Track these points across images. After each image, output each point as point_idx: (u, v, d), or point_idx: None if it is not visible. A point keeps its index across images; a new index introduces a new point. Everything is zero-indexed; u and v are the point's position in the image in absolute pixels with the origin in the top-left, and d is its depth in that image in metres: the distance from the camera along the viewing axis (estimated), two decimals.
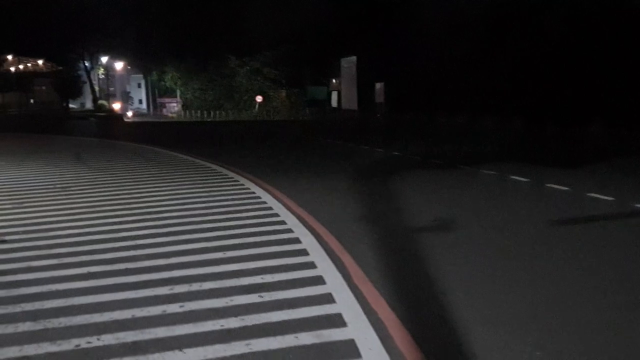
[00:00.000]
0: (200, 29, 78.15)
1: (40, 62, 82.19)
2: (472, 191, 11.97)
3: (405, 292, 5.90)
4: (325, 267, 6.63)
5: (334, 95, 61.92)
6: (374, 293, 5.80)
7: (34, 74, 78.82)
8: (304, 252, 7.25)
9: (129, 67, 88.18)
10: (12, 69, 74.99)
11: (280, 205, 10.18)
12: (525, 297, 5.76)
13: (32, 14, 70.07)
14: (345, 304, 5.49)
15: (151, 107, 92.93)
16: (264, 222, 8.86)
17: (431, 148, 20.85)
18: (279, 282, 6.13)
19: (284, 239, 7.87)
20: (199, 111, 77.81)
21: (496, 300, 5.63)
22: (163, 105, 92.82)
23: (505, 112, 32.89)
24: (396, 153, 18.59)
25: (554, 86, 33.48)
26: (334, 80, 62.76)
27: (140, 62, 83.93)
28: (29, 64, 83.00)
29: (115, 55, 78.42)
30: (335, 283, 6.08)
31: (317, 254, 7.17)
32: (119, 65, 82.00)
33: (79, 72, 75.97)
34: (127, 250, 7.45)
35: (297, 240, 7.81)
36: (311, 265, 6.70)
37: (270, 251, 7.30)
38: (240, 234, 8.16)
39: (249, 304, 5.51)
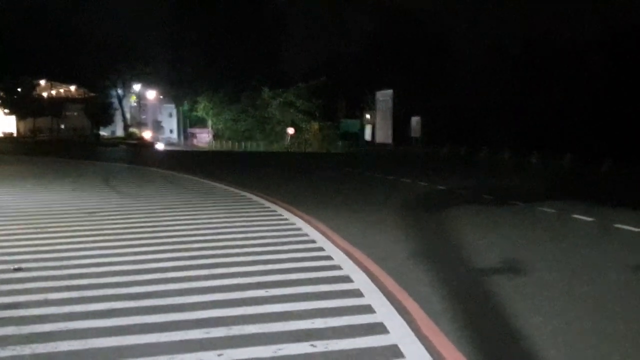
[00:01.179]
0: (234, 60, 79.18)
1: (72, 87, 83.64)
2: (535, 230, 11.04)
3: (487, 347, 5.01)
4: (385, 312, 5.79)
5: (368, 128, 61.30)
6: (448, 347, 4.92)
7: (66, 99, 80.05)
8: (357, 293, 6.43)
9: (161, 97, 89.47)
10: (45, 94, 76.33)
11: (323, 238, 9.43)
12: (630, 356, 4.82)
13: (67, 39, 71.63)
14: (416, 359, 4.64)
15: (181, 136, 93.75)
16: (308, 257, 8.11)
17: (477, 183, 20.02)
18: (333, 328, 5.30)
19: (333, 277, 7.08)
20: (229, 141, 78.15)
21: None
22: (194, 136, 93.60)
23: (552, 148, 31.87)
24: (441, 187, 17.79)
25: (605, 121, 32.54)
26: (367, 116, 62.25)
27: (172, 91, 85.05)
28: (61, 90, 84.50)
29: (148, 83, 79.60)
30: (400, 332, 5.22)
31: (373, 295, 6.35)
32: (151, 95, 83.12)
33: (111, 100, 77.03)
34: (155, 284, 6.74)
35: (347, 279, 7.01)
36: (368, 309, 5.87)
37: (318, 290, 6.51)
38: (283, 269, 7.41)
39: (300, 355, 4.69)
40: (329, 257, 8.12)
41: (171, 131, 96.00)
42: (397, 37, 60.65)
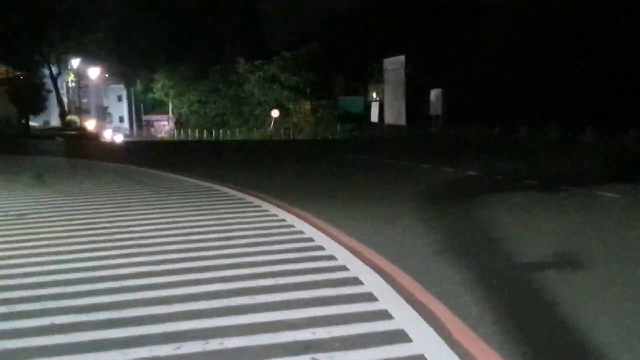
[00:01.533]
0: (200, 26, 78.40)
1: None
2: (594, 219, 11.07)
3: (540, 353, 5.01)
4: (405, 317, 5.79)
5: (374, 107, 61.28)
6: (489, 355, 4.91)
7: None
8: (369, 297, 6.43)
9: (107, 76, 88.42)
10: None
11: (323, 236, 9.45)
12: None
13: None
14: None
15: (135, 126, 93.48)
16: (303, 258, 8.12)
17: (517, 167, 20.10)
18: (340, 339, 5.29)
19: (337, 280, 7.09)
20: (197, 130, 77.79)
21: None
22: (150, 124, 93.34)
23: (610, 123, 31.93)
24: (472, 173, 17.84)
25: None
26: (374, 95, 62.12)
27: (122, 67, 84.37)
28: None
29: (90, 58, 78.02)
30: (426, 340, 5.22)
31: (389, 298, 6.36)
32: (94, 73, 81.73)
33: (43, 80, 76.43)
34: (109, 294, 6.72)
35: (356, 281, 7.03)
36: (384, 315, 5.87)
37: (318, 295, 6.50)
38: (273, 272, 7.41)
39: None
40: (331, 257, 8.13)
41: (121, 119, 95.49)
42: None
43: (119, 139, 68.39)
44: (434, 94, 50.48)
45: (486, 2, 54.40)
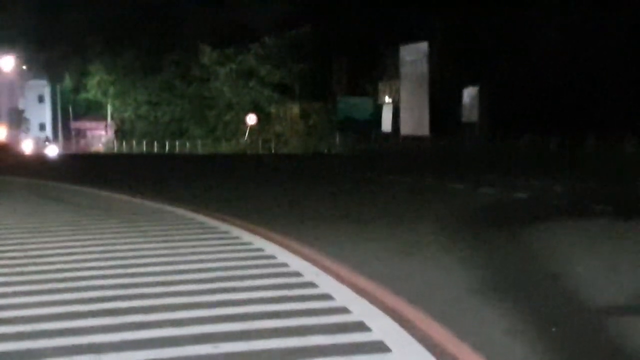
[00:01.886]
0: (149, 2, 78.05)
1: None
2: None
3: None
4: None
5: (387, 112, 61.56)
6: None
7: None
8: (380, 348, 6.36)
9: (24, 68, 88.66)
10: None
11: (315, 269, 9.57)
12: None
13: None
14: None
15: (60, 135, 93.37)
16: (288, 297, 8.17)
17: (582, 187, 20.31)
18: None
19: (335, 325, 7.06)
20: (144, 141, 77.74)
21: None
22: (81, 134, 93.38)
23: None
24: (521, 195, 17.98)
25: None
26: (386, 99, 62.25)
27: (44, 56, 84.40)
28: None
29: (1, 43, 78.50)
30: None
31: (407, 350, 6.29)
32: (7, 63, 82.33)
33: None
34: (16, 339, 6.67)
35: (360, 327, 6.98)
36: None
37: (308, 344, 6.44)
38: (241, 314, 7.43)
39: None
40: (326, 296, 8.18)
41: (42, 127, 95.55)
42: None
43: (53, 152, 67.79)
44: (468, 93, 50.65)
45: None
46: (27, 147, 72.64)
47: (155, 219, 14.30)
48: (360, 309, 7.60)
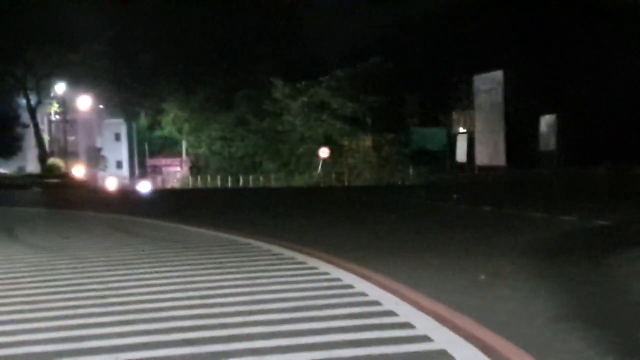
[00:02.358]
0: (224, 38, 78.26)
1: None
2: None
3: None
4: None
5: (461, 142, 60.98)
6: None
7: None
8: None
9: (101, 107, 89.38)
10: None
11: (395, 298, 9.42)
12: None
13: None
14: None
15: (137, 172, 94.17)
16: (367, 325, 8.04)
17: None
18: None
19: (415, 353, 6.97)
20: (218, 176, 77.95)
21: None
22: (157, 170, 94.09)
23: None
24: (602, 222, 17.77)
25: None
26: (460, 129, 61.67)
27: (120, 94, 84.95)
28: None
29: (78, 83, 78.85)
30: None
31: None
32: (84, 103, 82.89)
33: (17, 112, 78.11)
34: None
35: (444, 355, 6.85)
36: None
37: None
38: (322, 343, 7.34)
39: None
40: (406, 325, 8.03)
41: (119, 164, 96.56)
42: None
43: (146, 188, 68.22)
44: (545, 121, 50.06)
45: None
46: (110, 184, 73.44)
47: (232, 250, 14.35)
48: (443, 337, 7.46)
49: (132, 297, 9.97)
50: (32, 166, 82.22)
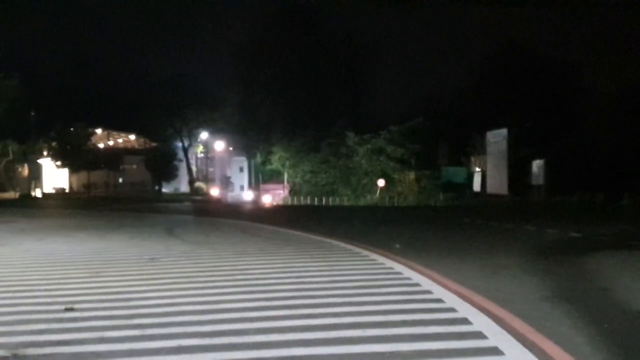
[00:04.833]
0: (313, 103, 80.00)
1: (132, 137, 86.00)
2: None
3: None
4: (517, 354, 5.52)
5: (477, 177, 60.13)
6: None
7: (125, 150, 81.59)
8: (478, 335, 6.19)
9: (230, 148, 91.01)
10: (101, 144, 78.54)
11: (430, 281, 9.27)
12: None
13: (127, 84, 74.80)
14: None
15: (253, 193, 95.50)
16: (410, 300, 8.00)
17: (621, 229, 19.15)
18: None
19: (445, 319, 6.88)
20: (308, 197, 78.43)
21: None
22: (267, 191, 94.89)
23: None
24: (576, 234, 17.11)
25: None
26: (477, 168, 60.95)
27: (244, 140, 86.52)
28: (119, 139, 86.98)
29: (215, 132, 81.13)
30: None
31: (499, 337, 6.08)
32: (219, 146, 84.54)
33: (175, 150, 79.42)
34: (230, 322, 6.76)
35: (465, 321, 6.79)
36: (494, 351, 5.60)
37: (427, 332, 6.33)
38: (381, 310, 7.30)
39: None
40: (438, 300, 8.01)
41: (242, 187, 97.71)
42: (510, 67, 60.31)
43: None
44: (536, 164, 49.21)
45: (587, 76, 53.63)
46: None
47: (319, 246, 14.22)
48: (463, 309, 7.37)
49: (249, 276, 9.98)
50: (184, 187, 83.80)
